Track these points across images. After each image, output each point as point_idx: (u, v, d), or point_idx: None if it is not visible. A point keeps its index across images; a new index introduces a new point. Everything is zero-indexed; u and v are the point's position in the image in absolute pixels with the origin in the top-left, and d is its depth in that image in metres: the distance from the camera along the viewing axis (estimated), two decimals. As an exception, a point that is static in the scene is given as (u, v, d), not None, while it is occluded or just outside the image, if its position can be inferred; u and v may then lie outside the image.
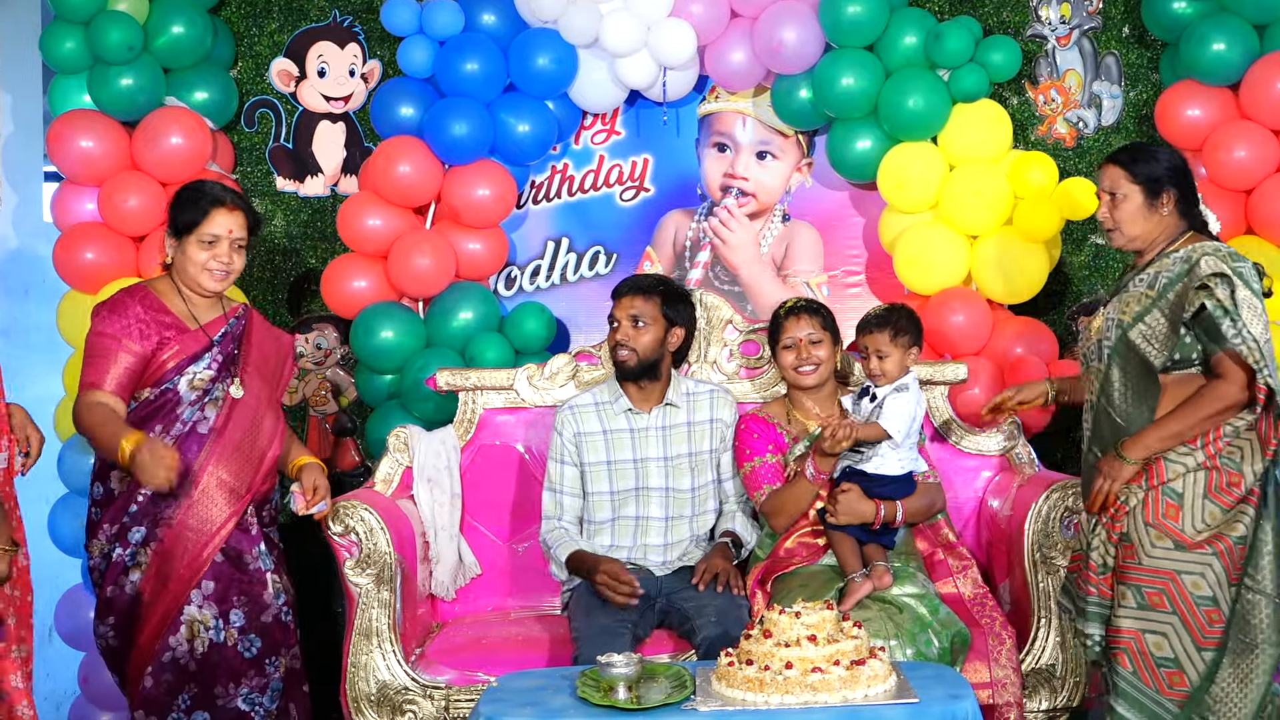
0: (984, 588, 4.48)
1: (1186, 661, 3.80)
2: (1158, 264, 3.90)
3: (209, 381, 4.07)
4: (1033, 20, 5.54)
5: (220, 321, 4.15)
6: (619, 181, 5.69)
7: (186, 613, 4.01)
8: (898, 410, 4.26)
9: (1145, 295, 3.86)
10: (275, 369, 4.26)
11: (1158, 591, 3.82)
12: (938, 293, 5.23)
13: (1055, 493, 4.41)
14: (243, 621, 4.06)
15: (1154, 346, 3.81)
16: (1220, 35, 4.94)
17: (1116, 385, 3.89)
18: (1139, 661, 3.84)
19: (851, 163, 5.38)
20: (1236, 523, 3.76)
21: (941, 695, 3.34)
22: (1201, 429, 3.78)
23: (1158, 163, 3.95)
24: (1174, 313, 3.80)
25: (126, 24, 5.08)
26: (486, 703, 3.43)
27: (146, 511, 3.99)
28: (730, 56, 5.38)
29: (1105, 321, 3.98)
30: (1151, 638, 3.83)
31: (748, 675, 3.33)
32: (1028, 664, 4.34)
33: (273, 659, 4.10)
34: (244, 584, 4.07)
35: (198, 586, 4.01)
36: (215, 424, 4.06)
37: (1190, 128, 5.05)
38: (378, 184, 5.26)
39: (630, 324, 4.49)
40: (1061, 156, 5.45)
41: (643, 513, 4.55)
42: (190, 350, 4.06)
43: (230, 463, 4.05)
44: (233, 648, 4.04)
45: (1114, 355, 3.89)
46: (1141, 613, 3.83)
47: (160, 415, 4.02)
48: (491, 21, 5.34)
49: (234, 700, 4.03)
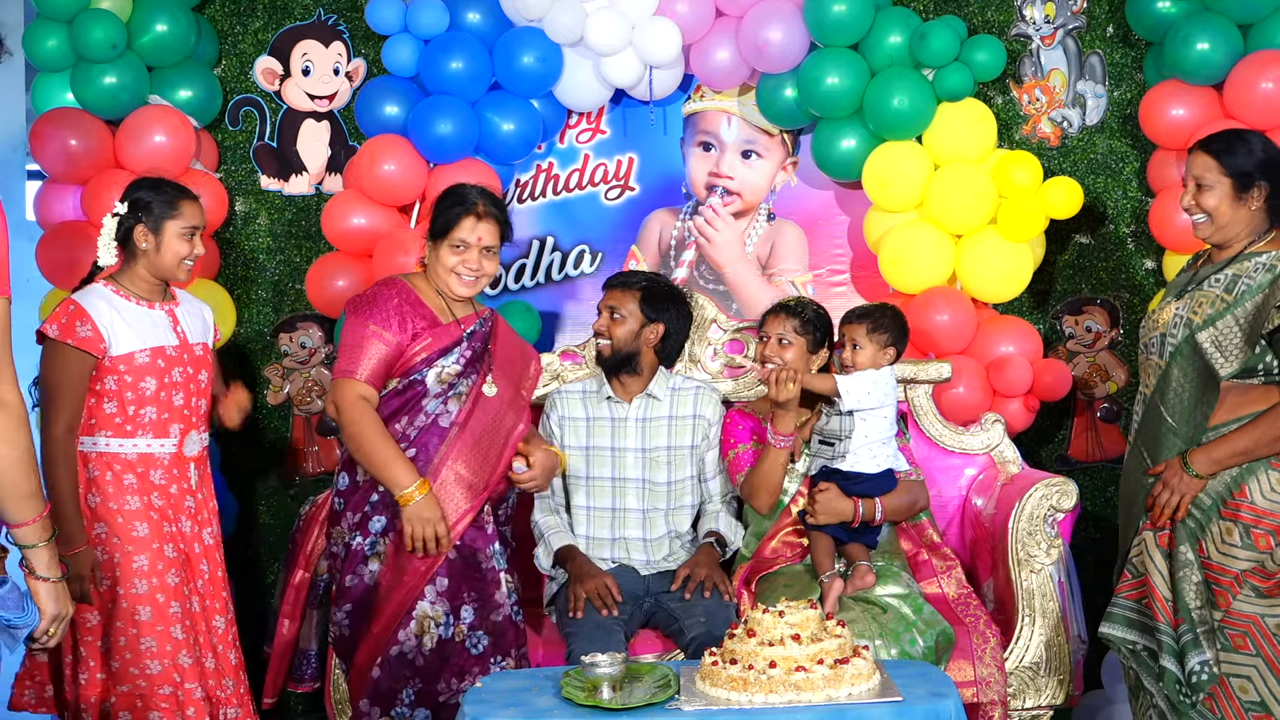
0: (968, 588, 4.51)
1: (1273, 703, 3.73)
2: (1238, 265, 3.81)
3: (455, 376, 4.10)
4: (1017, 19, 5.56)
5: (471, 319, 4.19)
6: (604, 180, 5.70)
7: (419, 608, 4.01)
8: (858, 377, 4.29)
9: (1221, 299, 3.78)
10: (519, 373, 4.30)
11: (1240, 634, 3.76)
12: (922, 292, 5.23)
13: (1039, 491, 4.44)
14: (472, 618, 4.06)
15: (1223, 355, 3.75)
16: (1204, 35, 4.96)
17: (1174, 385, 3.84)
18: (1225, 705, 3.76)
19: (836, 162, 5.39)
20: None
21: (925, 694, 3.34)
22: (1275, 448, 3.72)
23: (1251, 155, 3.82)
24: (1251, 324, 3.73)
25: (110, 22, 5.09)
26: (470, 703, 3.43)
27: (388, 502, 4.01)
28: (715, 55, 5.38)
29: (1173, 317, 3.88)
30: (1236, 681, 3.76)
31: (732, 675, 3.34)
32: (1012, 662, 4.35)
33: (499, 658, 4.08)
34: (477, 582, 4.08)
35: (432, 582, 4.02)
36: (457, 418, 4.09)
37: (1174, 127, 5.06)
38: (362, 183, 5.26)
39: (608, 315, 4.56)
40: (1046, 156, 5.48)
41: (619, 504, 4.58)
42: (441, 344, 4.10)
43: (470, 458, 4.07)
44: (460, 644, 4.04)
45: (1177, 355, 3.83)
46: (1226, 655, 3.76)
47: (407, 407, 4.07)
48: (476, 20, 5.33)
49: (456, 696, 4.00)
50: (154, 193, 4.11)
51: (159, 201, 4.08)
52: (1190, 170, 3.90)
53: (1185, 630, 3.75)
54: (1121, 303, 5.52)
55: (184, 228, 4.08)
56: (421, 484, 3.94)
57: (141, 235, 4.07)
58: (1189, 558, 3.77)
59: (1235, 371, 3.74)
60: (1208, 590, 3.76)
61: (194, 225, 4.10)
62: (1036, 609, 4.40)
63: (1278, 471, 3.71)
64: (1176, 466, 3.79)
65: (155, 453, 4.03)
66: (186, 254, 4.10)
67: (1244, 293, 3.74)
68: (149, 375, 4.00)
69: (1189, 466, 3.77)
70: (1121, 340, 5.54)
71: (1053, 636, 4.40)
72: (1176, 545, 3.80)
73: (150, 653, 3.96)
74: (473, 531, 4.07)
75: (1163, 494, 3.81)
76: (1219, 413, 3.77)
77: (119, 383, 3.97)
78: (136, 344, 4.00)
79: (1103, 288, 5.57)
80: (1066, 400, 5.45)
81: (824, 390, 4.31)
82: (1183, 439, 3.82)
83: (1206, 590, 3.76)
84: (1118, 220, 5.53)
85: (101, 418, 3.99)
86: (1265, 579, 3.72)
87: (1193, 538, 3.79)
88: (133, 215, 4.08)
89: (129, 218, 4.08)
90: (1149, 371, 3.95)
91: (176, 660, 3.98)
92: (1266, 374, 3.75)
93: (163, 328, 4.08)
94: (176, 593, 4.01)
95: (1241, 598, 3.73)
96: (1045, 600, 4.40)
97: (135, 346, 3.99)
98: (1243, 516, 3.73)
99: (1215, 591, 3.76)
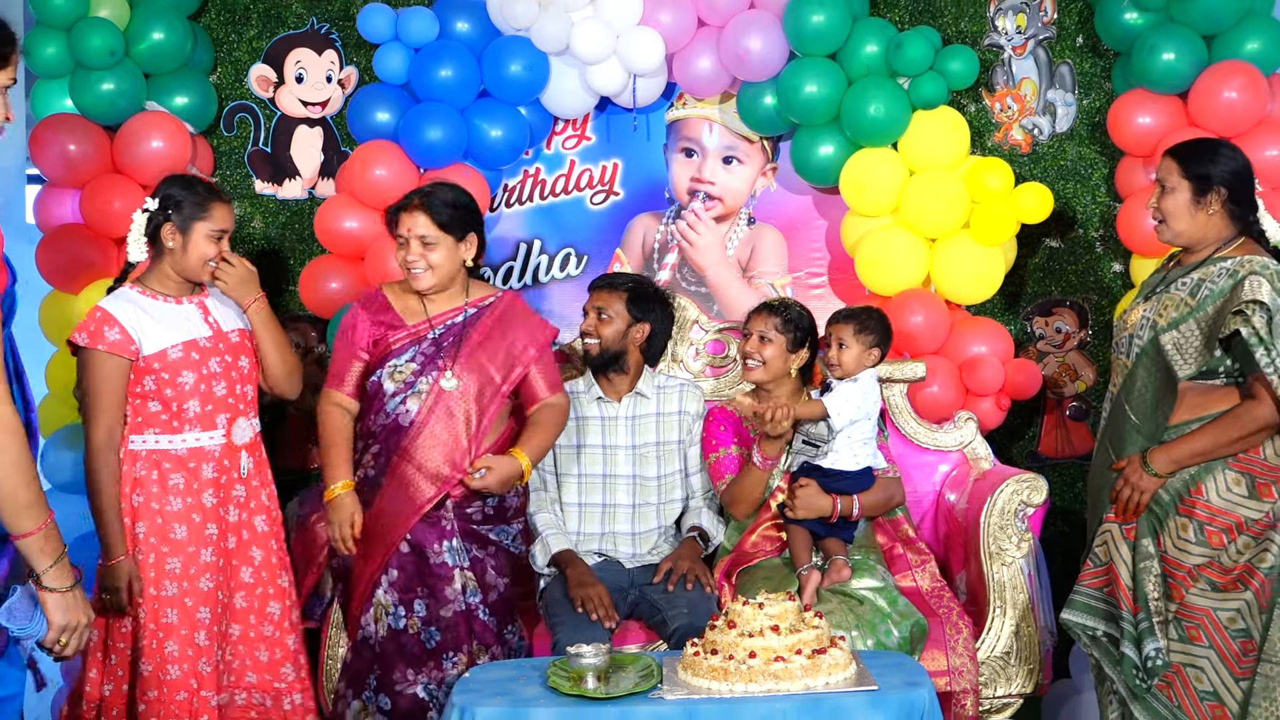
0: (941, 581, 4.54)
1: (1226, 694, 3.78)
2: (1204, 269, 3.83)
3: (412, 374, 4.15)
4: (990, 30, 5.55)
5: (450, 314, 4.23)
6: (589, 185, 5.69)
7: (377, 595, 4.10)
8: (843, 394, 4.31)
9: (1185, 302, 3.80)
10: (502, 361, 4.23)
11: (1194, 626, 3.81)
12: (898, 294, 5.22)
13: (1010, 487, 4.48)
14: (425, 612, 4.10)
15: (1182, 357, 3.78)
16: (1170, 45, 4.96)
17: (1138, 385, 3.87)
18: (1182, 695, 3.82)
19: (815, 168, 5.40)
20: (1265, 553, 3.74)
21: (900, 683, 3.37)
22: (1231, 450, 3.75)
23: (1213, 162, 3.85)
24: (1210, 329, 3.75)
25: (108, 30, 5.07)
26: (459, 693, 3.43)
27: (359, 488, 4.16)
28: (697, 64, 5.38)
29: (1141, 319, 3.91)
30: (1191, 671, 3.81)
31: (713, 664, 3.37)
32: (983, 652, 4.38)
33: (451, 654, 4.09)
34: (427, 577, 4.11)
35: (386, 571, 4.11)
36: (415, 416, 4.13)
37: (1141, 134, 5.08)
38: (354, 187, 5.24)
39: (595, 316, 4.61)
40: (1017, 162, 5.47)
41: (610, 500, 4.64)
42: (399, 346, 4.19)
43: (429, 454, 4.11)
44: (415, 636, 4.09)
45: (1142, 356, 3.87)
46: (1181, 646, 3.82)
47: (373, 407, 4.17)
48: (465, 29, 5.30)
49: (412, 687, 4.07)
50: (186, 191, 4.03)
51: (190, 201, 4.01)
52: (1157, 173, 3.96)
53: (1143, 618, 3.81)
54: (1090, 304, 5.54)
55: (213, 230, 4.01)
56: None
57: (169, 233, 4.00)
58: (1150, 550, 3.83)
59: (1194, 373, 3.77)
60: (1164, 583, 3.83)
61: (223, 228, 4.03)
62: (1007, 601, 4.43)
63: (1234, 472, 3.75)
64: (1137, 464, 3.84)
65: (205, 445, 3.99)
66: (213, 256, 4.02)
67: (1206, 297, 3.78)
68: (185, 369, 3.95)
69: (1148, 465, 3.81)
70: (1090, 341, 5.55)
71: (1023, 627, 4.43)
72: (1139, 538, 3.86)
73: (172, 657, 3.92)
74: (423, 527, 4.11)
75: (1124, 489, 3.86)
76: (1180, 412, 3.81)
77: (157, 381, 3.94)
78: (167, 340, 3.95)
79: (1072, 290, 5.58)
80: (1037, 399, 5.45)
81: (814, 416, 4.32)
82: (1145, 437, 3.86)
83: (1164, 583, 3.83)
84: (1086, 225, 5.54)
85: (148, 416, 3.96)
86: (1221, 574, 3.77)
87: (1153, 531, 3.85)
88: (162, 212, 4.00)
89: (159, 214, 4.01)
90: (1117, 371, 3.99)
91: (196, 667, 3.94)
92: (1227, 375, 3.79)
93: (194, 321, 4.03)
94: (208, 598, 3.96)
95: (1195, 591, 3.78)
96: (1016, 592, 4.43)
97: (166, 343, 3.94)
98: (1198, 514, 3.78)
99: (1170, 584, 3.81)
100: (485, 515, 4.21)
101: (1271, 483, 3.76)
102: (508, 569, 4.24)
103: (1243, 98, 4.93)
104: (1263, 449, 3.76)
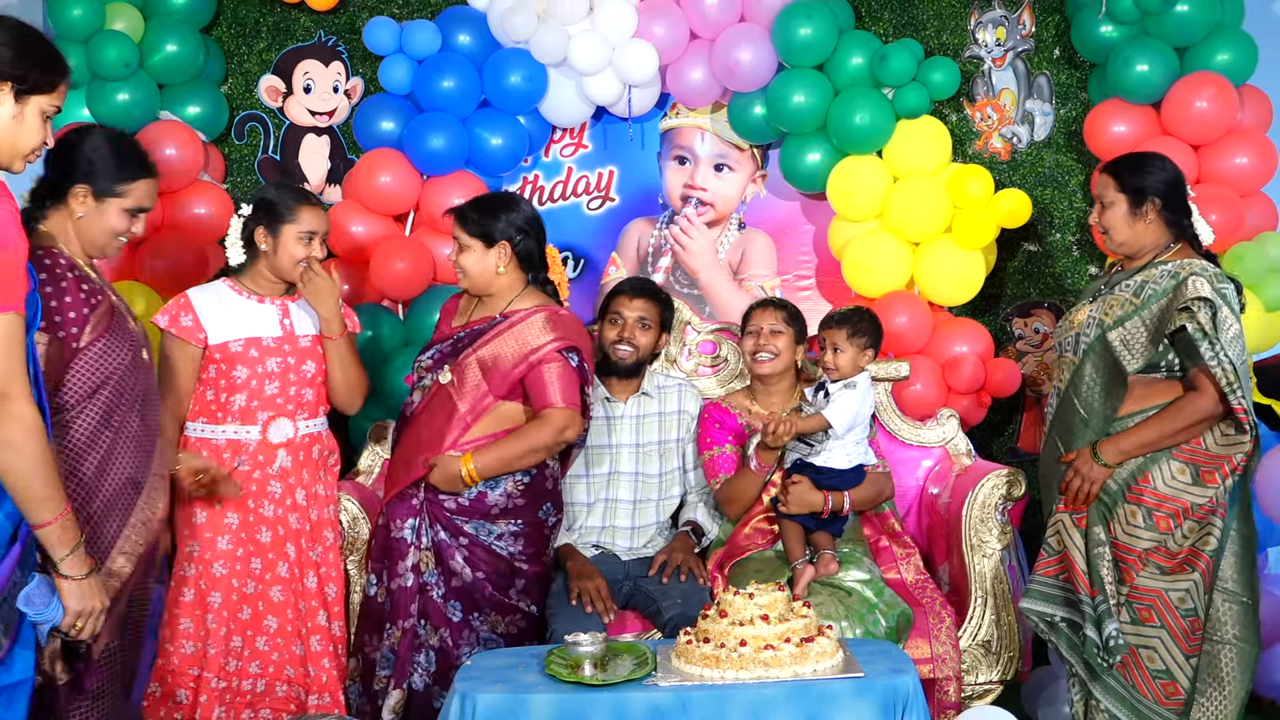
0: (925, 574, 4.57)
1: (1178, 670, 3.88)
2: (1146, 272, 3.92)
3: (425, 370, 4.32)
4: (970, 42, 5.62)
5: (481, 321, 4.31)
6: (586, 192, 5.75)
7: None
8: (843, 404, 4.30)
9: (1130, 302, 3.89)
10: (507, 371, 4.24)
11: (1146, 608, 3.90)
12: (882, 296, 5.25)
13: (990, 481, 4.49)
14: (381, 583, 4.28)
15: (1130, 352, 3.87)
16: (1143, 57, 5.03)
17: (1086, 380, 3.96)
18: (1136, 675, 3.91)
19: (802, 175, 5.45)
20: (1209, 536, 3.84)
21: (885, 670, 3.39)
22: (1176, 440, 3.85)
23: (1145, 174, 3.94)
24: (1155, 325, 3.84)
25: (123, 42, 5.16)
26: (461, 680, 3.45)
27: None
28: (690, 75, 5.45)
29: (1087, 318, 4.00)
30: (1144, 652, 3.90)
31: (705, 652, 3.39)
32: (965, 640, 4.41)
33: (390, 626, 4.21)
34: (388, 550, 4.26)
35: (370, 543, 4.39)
36: (415, 407, 4.32)
37: (1116, 143, 5.08)
38: (360, 193, 5.34)
39: (638, 325, 4.61)
40: (997, 169, 5.53)
41: (612, 495, 4.65)
42: (433, 343, 4.40)
43: (412, 440, 4.27)
44: (380, 603, 4.26)
45: (1090, 352, 3.95)
46: (1134, 628, 3.91)
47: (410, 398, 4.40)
48: (467, 42, 5.38)
49: (375, 652, 4.24)
50: (275, 197, 4.18)
51: (279, 206, 4.14)
52: (1096, 188, 4.07)
53: (1101, 600, 3.90)
54: (1067, 306, 5.48)
55: (301, 232, 4.13)
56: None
57: (261, 236, 4.14)
58: (1101, 537, 3.93)
59: (1140, 367, 3.88)
60: (1116, 568, 3.93)
61: (312, 230, 4.14)
62: (988, 591, 4.45)
63: (1179, 461, 3.87)
64: (1087, 455, 3.93)
65: (242, 439, 4.11)
66: (303, 256, 4.13)
67: (1150, 297, 3.87)
68: (240, 364, 4.08)
69: (1098, 456, 3.91)
70: (1067, 340, 5.66)
71: (1003, 616, 4.45)
72: (1090, 526, 3.95)
73: (186, 633, 4.08)
74: (395, 502, 4.26)
75: (1074, 480, 3.95)
76: (1126, 404, 3.90)
77: (216, 371, 4.09)
78: (232, 334, 4.09)
79: (1049, 292, 5.63)
80: (1016, 396, 5.50)
81: (816, 428, 4.30)
82: (1093, 429, 3.96)
83: (1115, 568, 3.93)
84: (1063, 229, 5.60)
85: (202, 404, 4.11)
86: (1168, 558, 3.88)
87: (1103, 519, 3.94)
88: (255, 217, 4.16)
89: (252, 219, 4.16)
90: (1063, 368, 4.07)
91: (205, 648, 4.07)
92: (1169, 369, 3.91)
93: (268, 320, 4.16)
94: (220, 583, 4.08)
95: (1145, 574, 3.89)
96: (996, 583, 4.46)
97: (230, 336, 4.08)
98: (1146, 500, 3.89)
99: (1121, 569, 3.91)
100: (460, 506, 4.24)
101: (1214, 469, 3.87)
102: (485, 564, 4.24)
103: (1213, 107, 5.00)
104: (1204, 439, 3.87)
